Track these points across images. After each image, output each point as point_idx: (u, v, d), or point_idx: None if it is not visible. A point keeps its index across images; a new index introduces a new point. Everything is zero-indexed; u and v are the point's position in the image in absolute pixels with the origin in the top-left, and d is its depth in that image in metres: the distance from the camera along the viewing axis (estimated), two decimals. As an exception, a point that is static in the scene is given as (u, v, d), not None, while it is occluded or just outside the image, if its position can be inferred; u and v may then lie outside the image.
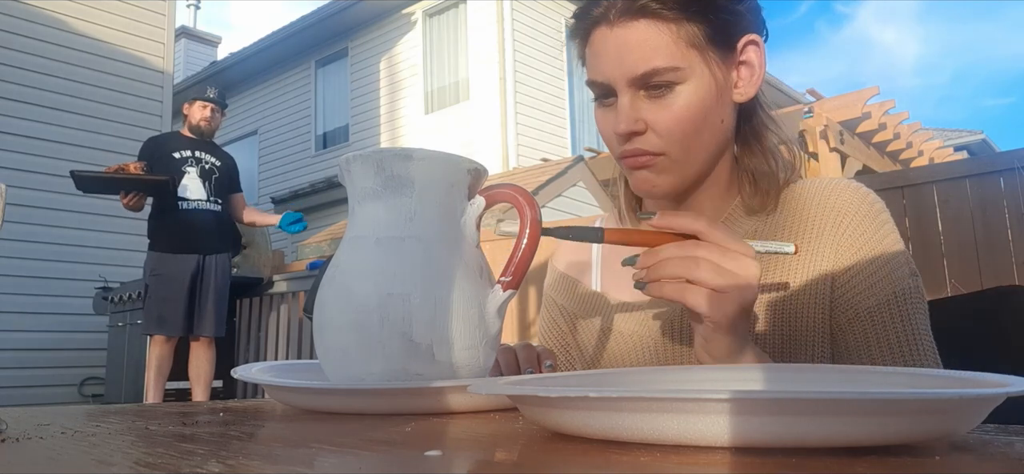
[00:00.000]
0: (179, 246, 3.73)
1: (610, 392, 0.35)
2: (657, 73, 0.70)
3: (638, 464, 0.32)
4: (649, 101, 0.72)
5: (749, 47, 0.74)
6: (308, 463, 0.35)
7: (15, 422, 0.50)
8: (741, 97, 0.75)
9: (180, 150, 3.81)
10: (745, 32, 0.74)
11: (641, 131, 0.72)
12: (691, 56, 0.70)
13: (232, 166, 4.02)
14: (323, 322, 0.62)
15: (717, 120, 0.74)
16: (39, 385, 5.47)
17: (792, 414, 0.33)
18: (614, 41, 0.71)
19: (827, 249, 0.75)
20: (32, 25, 5.70)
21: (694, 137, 0.73)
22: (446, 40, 9.27)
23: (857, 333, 0.73)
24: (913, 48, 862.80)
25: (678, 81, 0.70)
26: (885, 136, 6.27)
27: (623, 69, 0.71)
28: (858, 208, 0.76)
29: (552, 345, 0.96)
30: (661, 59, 0.69)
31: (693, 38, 0.70)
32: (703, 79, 0.71)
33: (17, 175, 5.22)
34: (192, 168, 3.80)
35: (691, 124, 0.72)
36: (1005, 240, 2.86)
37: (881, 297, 0.73)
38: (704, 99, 0.72)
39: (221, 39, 14.41)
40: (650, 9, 0.69)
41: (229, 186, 3.98)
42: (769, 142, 0.80)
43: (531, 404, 0.42)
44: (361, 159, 0.62)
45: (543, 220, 0.63)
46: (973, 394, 0.33)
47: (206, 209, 3.81)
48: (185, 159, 3.80)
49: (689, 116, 0.71)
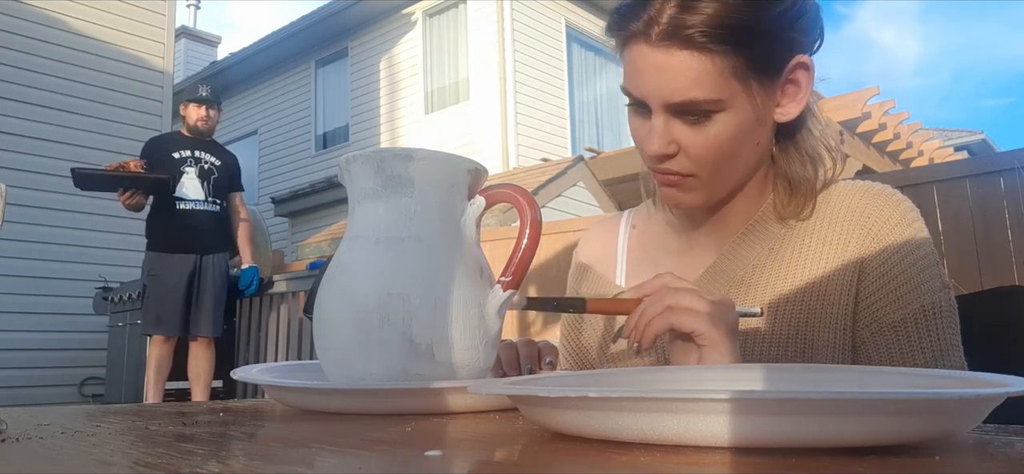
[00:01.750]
0: (176, 246, 3.72)
1: (610, 392, 0.35)
2: (695, 103, 0.67)
3: (638, 464, 0.32)
4: (684, 125, 0.69)
5: (798, 70, 0.71)
6: (308, 463, 0.35)
7: (15, 422, 0.50)
8: (784, 117, 0.72)
9: (179, 150, 3.79)
10: (796, 54, 0.70)
11: (673, 153, 0.71)
12: (732, 87, 0.67)
13: (233, 165, 3.98)
14: (323, 322, 0.62)
15: (753, 143, 0.72)
16: (39, 385, 5.47)
17: (792, 414, 0.33)
18: (653, 62, 0.67)
19: (852, 258, 0.73)
20: (32, 25, 5.70)
21: (727, 163, 0.71)
22: (446, 40, 9.27)
23: (880, 347, 0.71)
24: (913, 48, 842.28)
25: (718, 110, 0.68)
26: (885, 136, 6.27)
27: (661, 93, 0.68)
28: (888, 216, 0.73)
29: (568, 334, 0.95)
30: (701, 91, 0.66)
31: (736, 69, 0.66)
32: (742, 109, 0.68)
33: (17, 175, 5.22)
34: (191, 168, 3.78)
35: (725, 151, 0.70)
36: (1005, 240, 2.86)
37: (908, 311, 0.70)
38: (741, 127, 0.69)
39: (221, 39, 14.41)
40: (694, 40, 0.65)
41: (229, 185, 3.94)
42: (809, 146, 0.76)
43: (531, 404, 0.42)
44: (361, 159, 0.62)
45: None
46: (973, 394, 0.33)
47: (204, 210, 3.78)
48: (184, 159, 3.78)
49: (724, 144, 0.69)
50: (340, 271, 0.61)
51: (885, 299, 0.71)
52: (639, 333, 0.66)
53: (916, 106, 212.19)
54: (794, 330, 0.73)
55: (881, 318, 0.71)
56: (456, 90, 9.08)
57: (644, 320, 0.65)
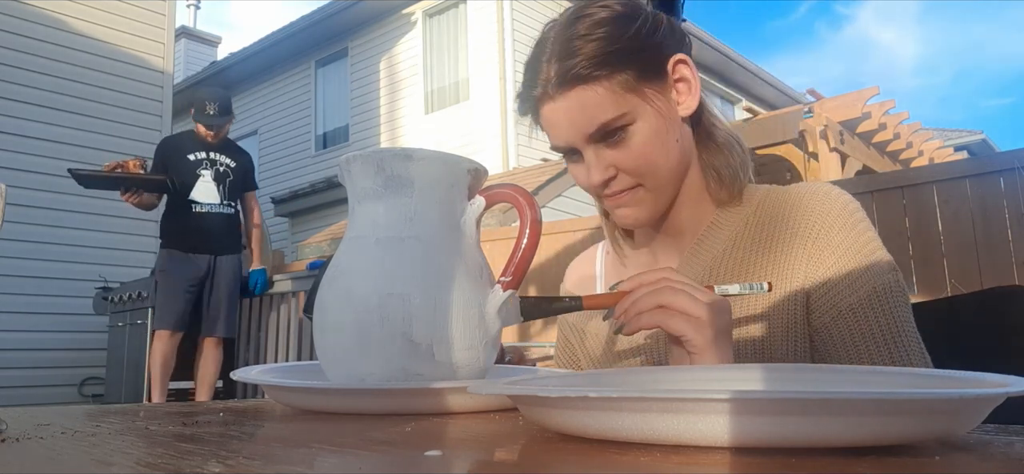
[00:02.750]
0: (190, 246, 3.70)
1: (610, 392, 0.35)
2: (607, 125, 0.76)
3: (638, 464, 0.32)
4: (610, 149, 0.78)
5: (679, 66, 0.80)
6: (308, 463, 0.35)
7: (15, 422, 0.50)
8: (686, 111, 0.81)
9: (195, 152, 3.74)
10: (670, 55, 0.79)
11: (613, 175, 0.80)
12: (630, 100, 0.76)
13: (247, 165, 3.94)
14: (323, 322, 0.62)
15: (673, 141, 0.80)
16: (39, 385, 5.47)
17: (792, 414, 0.33)
18: (560, 111, 0.77)
19: (800, 254, 0.78)
20: (32, 25, 5.70)
21: (660, 164, 0.79)
22: (446, 40, 9.27)
23: (842, 330, 0.75)
24: (913, 48, 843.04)
25: (628, 123, 0.77)
26: (885, 136, 6.27)
27: (577, 131, 0.78)
28: (830, 211, 0.79)
29: (564, 362, 1.01)
30: (606, 113, 0.76)
31: (626, 84, 0.76)
32: (648, 114, 0.77)
33: (17, 175, 5.22)
34: (206, 171, 3.73)
35: (653, 154, 0.79)
36: (1005, 240, 2.86)
37: (862, 294, 0.75)
38: (656, 129, 0.78)
39: (221, 39, 14.41)
40: (580, 76, 0.75)
41: (243, 186, 3.91)
42: (722, 137, 0.85)
43: (531, 404, 0.42)
44: (361, 159, 0.62)
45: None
46: (973, 394, 0.33)
47: (219, 212, 3.75)
48: (200, 162, 3.73)
49: (649, 149, 0.78)
50: (340, 271, 0.61)
51: (840, 285, 0.76)
52: (627, 317, 0.67)
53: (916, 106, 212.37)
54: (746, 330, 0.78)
55: (839, 303, 0.76)
56: (456, 90, 9.08)
57: (635, 309, 0.67)
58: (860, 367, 0.67)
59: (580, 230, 4.57)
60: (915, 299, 0.81)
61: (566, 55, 0.76)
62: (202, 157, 3.73)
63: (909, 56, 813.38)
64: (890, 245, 0.81)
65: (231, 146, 3.92)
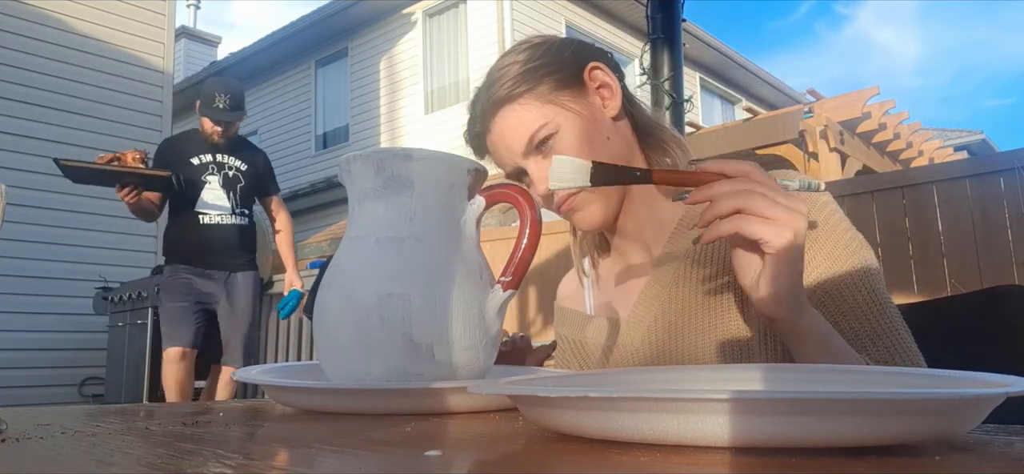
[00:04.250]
0: (199, 263, 3.18)
1: (610, 392, 0.35)
2: (534, 136, 0.82)
3: (638, 464, 0.32)
4: (545, 159, 0.83)
5: (595, 72, 0.86)
6: (308, 463, 0.35)
7: (15, 422, 0.50)
8: (611, 112, 0.86)
9: (199, 154, 3.19)
10: (585, 64, 0.85)
11: None
12: (549, 110, 0.83)
13: (262, 166, 3.35)
14: (323, 322, 0.62)
15: (602, 140, 0.84)
16: (39, 385, 5.47)
17: (792, 414, 0.33)
18: (496, 138, 0.86)
19: None
20: (32, 25, 5.70)
21: None
22: (446, 40, 9.27)
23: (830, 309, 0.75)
24: (913, 49, 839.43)
25: (553, 131, 0.82)
26: (885, 136, 6.27)
27: (512, 152, 0.85)
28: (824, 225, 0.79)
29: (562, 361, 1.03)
30: (529, 127, 0.83)
31: (544, 96, 0.83)
32: (570, 119, 0.83)
33: (17, 175, 5.22)
34: (213, 176, 3.18)
35: (583, 156, 0.80)
36: (1005, 240, 2.86)
37: (843, 270, 0.76)
38: (582, 132, 0.83)
39: (221, 39, 14.41)
40: (503, 98, 0.84)
41: (258, 190, 3.35)
42: (663, 135, 0.90)
43: (531, 404, 0.42)
44: (361, 159, 0.62)
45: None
46: (973, 394, 0.33)
47: (230, 224, 3.20)
48: (205, 165, 3.18)
49: (578, 152, 0.81)
50: (340, 271, 0.61)
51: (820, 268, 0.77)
52: (704, 222, 0.65)
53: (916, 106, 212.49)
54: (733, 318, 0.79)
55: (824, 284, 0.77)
56: (456, 90, 9.08)
57: (712, 213, 0.64)
58: (860, 367, 0.67)
59: (580, 230, 4.56)
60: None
61: (491, 85, 0.85)
62: (208, 160, 3.19)
63: (909, 56, 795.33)
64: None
65: (243, 144, 3.34)
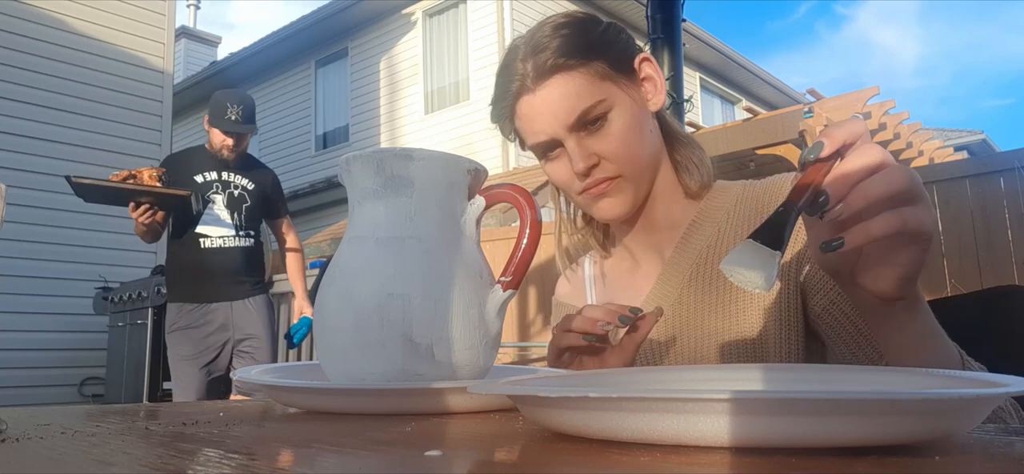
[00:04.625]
0: (201, 294, 2.91)
1: (610, 392, 0.35)
2: (588, 112, 0.79)
3: (638, 464, 0.32)
4: (591, 137, 0.81)
5: (644, 64, 0.85)
6: (308, 463, 0.35)
7: (15, 422, 0.50)
8: (655, 106, 0.85)
9: (204, 172, 2.96)
10: (636, 54, 0.85)
11: (595, 163, 0.81)
12: (607, 87, 0.80)
13: (270, 185, 3.12)
14: (323, 322, 0.62)
15: (648, 131, 0.84)
16: (39, 385, 5.47)
17: (792, 414, 0.33)
18: (540, 102, 0.80)
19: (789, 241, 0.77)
20: (32, 25, 5.70)
21: (638, 151, 0.82)
22: (446, 40, 9.27)
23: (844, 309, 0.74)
24: (913, 49, 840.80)
25: (607, 110, 0.80)
26: (885, 136, 6.27)
27: (559, 120, 0.80)
28: None
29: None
30: (586, 100, 0.79)
31: (602, 73, 0.80)
32: (624, 102, 0.81)
33: (17, 175, 5.22)
34: (218, 195, 2.95)
35: (632, 140, 0.81)
36: (1005, 240, 2.86)
37: None
38: (633, 116, 0.81)
39: (221, 39, 14.41)
40: (558, 65, 0.79)
41: (266, 212, 3.11)
42: (684, 136, 0.91)
43: (530, 404, 0.42)
44: (361, 159, 0.62)
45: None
46: (973, 394, 0.33)
47: (234, 246, 2.95)
48: (210, 183, 2.95)
49: (628, 135, 0.81)
50: (340, 271, 0.61)
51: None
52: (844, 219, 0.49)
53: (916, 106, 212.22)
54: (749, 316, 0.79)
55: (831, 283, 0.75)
56: (456, 90, 9.08)
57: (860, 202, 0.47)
58: (859, 366, 0.67)
59: (580, 230, 4.56)
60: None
61: (541, 50, 0.80)
62: (213, 178, 2.96)
63: (909, 56, 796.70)
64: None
65: (250, 162, 3.11)
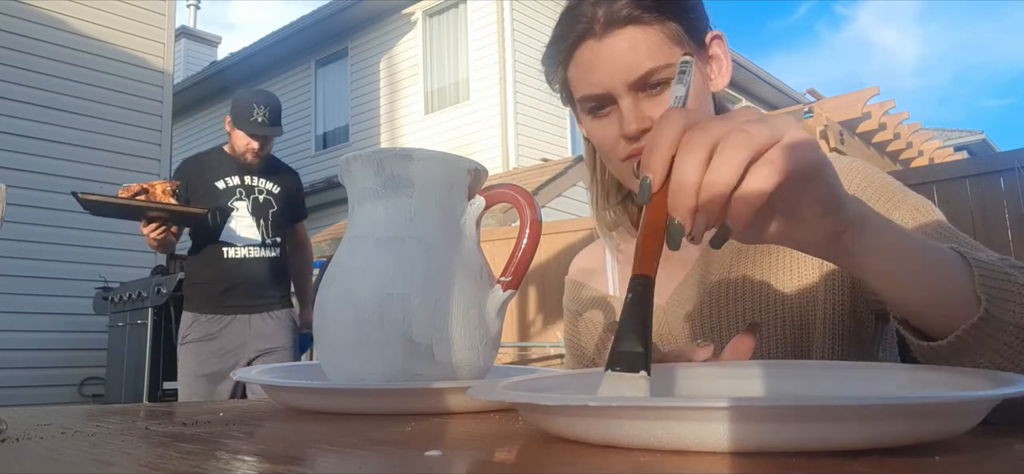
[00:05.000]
0: (220, 305, 2.66)
1: (607, 402, 0.35)
2: (654, 72, 0.73)
3: (637, 465, 0.32)
4: (649, 100, 0.74)
5: (714, 42, 0.80)
6: (308, 463, 0.35)
7: (15, 422, 0.50)
8: (716, 88, 0.80)
9: (226, 177, 2.70)
10: (708, 29, 0.79)
11: (647, 128, 0.75)
12: (677, 53, 0.74)
13: (294, 188, 2.89)
14: (323, 322, 0.62)
15: (706, 110, 0.78)
16: (39, 385, 5.47)
17: (791, 420, 0.33)
18: (606, 52, 0.74)
19: None
20: (32, 25, 5.70)
21: None
22: (446, 40, 9.27)
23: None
24: (913, 49, 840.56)
25: (673, 76, 0.72)
26: (885, 136, 6.27)
27: (621, 74, 0.73)
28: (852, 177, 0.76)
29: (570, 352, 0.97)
30: (654, 59, 0.73)
31: (675, 36, 0.74)
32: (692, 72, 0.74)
33: (17, 175, 5.22)
34: (241, 201, 2.69)
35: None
36: (1005, 240, 2.86)
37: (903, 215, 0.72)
38: (698, 90, 0.75)
39: (221, 39, 14.41)
40: (632, 16, 0.73)
41: (292, 216, 2.87)
42: None
43: (529, 410, 0.42)
44: (361, 159, 0.62)
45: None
46: (973, 395, 0.33)
47: (259, 257, 2.69)
48: (232, 189, 2.69)
49: (689, 106, 0.73)
50: (340, 271, 0.61)
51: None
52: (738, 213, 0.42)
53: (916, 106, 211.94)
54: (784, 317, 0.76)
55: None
56: (456, 90, 9.08)
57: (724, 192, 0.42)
58: (860, 364, 0.67)
59: (580, 230, 4.57)
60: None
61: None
62: (236, 183, 2.70)
63: (909, 56, 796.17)
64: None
65: (275, 165, 2.87)
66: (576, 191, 7.11)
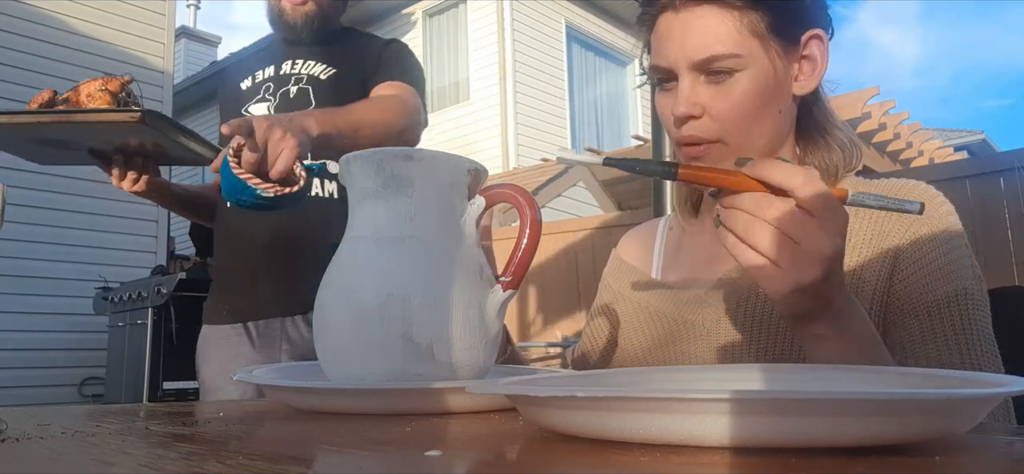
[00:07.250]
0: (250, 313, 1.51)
1: (600, 391, 0.35)
2: (717, 59, 0.71)
3: (638, 464, 0.32)
4: (708, 86, 0.72)
5: (812, 41, 0.75)
6: (308, 463, 0.35)
7: (15, 422, 0.50)
8: (801, 90, 0.76)
9: (253, 71, 1.60)
10: (809, 26, 0.75)
11: (698, 115, 0.73)
12: (752, 44, 0.71)
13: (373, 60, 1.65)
14: (323, 323, 0.62)
15: (775, 110, 0.75)
16: (39, 385, 5.47)
17: (791, 414, 0.33)
18: (679, 26, 0.72)
19: (888, 247, 0.73)
20: (32, 25, 5.70)
21: (751, 125, 0.73)
22: (446, 40, 9.27)
23: (912, 328, 0.71)
24: (913, 49, 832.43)
25: (738, 68, 0.71)
26: (885, 136, 6.26)
27: (685, 54, 0.72)
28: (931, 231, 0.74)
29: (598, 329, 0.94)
30: (722, 46, 0.70)
31: (755, 26, 0.71)
32: (763, 68, 0.72)
33: (17, 175, 5.22)
34: (262, 103, 1.54)
35: (748, 111, 0.72)
36: (1005, 240, 2.86)
37: (940, 293, 0.71)
38: (763, 88, 0.72)
39: (221, 39, 14.40)
40: None
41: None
42: (834, 137, 0.80)
43: (528, 405, 0.42)
44: (361, 159, 0.62)
45: (607, 154, 0.62)
46: (973, 394, 0.33)
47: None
48: (257, 87, 1.57)
49: (747, 103, 0.72)
50: (340, 271, 0.61)
51: (918, 283, 0.71)
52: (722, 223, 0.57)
53: (916, 106, 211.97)
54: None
55: (914, 300, 0.71)
56: (456, 90, 9.08)
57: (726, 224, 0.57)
58: (860, 366, 0.67)
59: (580, 230, 4.56)
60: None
61: None
62: (265, 77, 1.59)
63: (909, 56, 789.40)
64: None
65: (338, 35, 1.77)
66: (576, 191, 7.11)
